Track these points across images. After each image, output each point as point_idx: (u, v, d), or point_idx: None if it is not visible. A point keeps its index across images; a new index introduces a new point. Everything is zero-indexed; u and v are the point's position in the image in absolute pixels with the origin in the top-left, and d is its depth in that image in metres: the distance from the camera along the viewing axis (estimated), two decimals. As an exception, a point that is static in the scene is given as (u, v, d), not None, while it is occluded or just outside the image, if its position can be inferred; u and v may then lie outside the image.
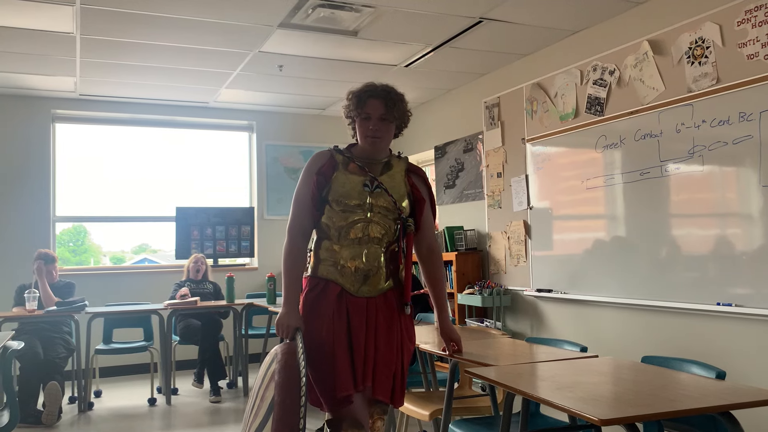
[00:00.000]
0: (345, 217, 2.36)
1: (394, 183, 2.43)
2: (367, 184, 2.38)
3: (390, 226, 2.39)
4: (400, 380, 2.38)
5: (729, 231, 3.57)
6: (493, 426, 2.68)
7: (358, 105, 2.39)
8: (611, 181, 4.34)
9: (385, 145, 2.45)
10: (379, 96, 2.39)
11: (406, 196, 2.44)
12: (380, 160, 2.47)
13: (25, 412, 4.42)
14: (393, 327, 2.37)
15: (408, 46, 4.92)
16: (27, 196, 6.15)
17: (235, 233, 6.84)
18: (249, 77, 5.70)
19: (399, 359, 2.37)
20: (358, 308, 2.33)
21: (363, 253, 2.35)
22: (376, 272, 2.36)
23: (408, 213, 2.43)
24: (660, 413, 1.69)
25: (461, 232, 5.70)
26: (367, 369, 2.28)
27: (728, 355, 3.56)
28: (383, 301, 2.37)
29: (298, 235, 2.40)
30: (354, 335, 2.30)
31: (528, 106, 5.16)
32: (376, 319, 2.34)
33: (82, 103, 6.38)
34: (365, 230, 2.36)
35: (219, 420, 4.56)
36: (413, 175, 2.51)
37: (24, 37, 4.55)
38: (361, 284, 2.35)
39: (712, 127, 3.64)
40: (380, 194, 2.38)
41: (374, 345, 2.31)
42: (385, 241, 2.39)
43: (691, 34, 3.79)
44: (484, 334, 3.36)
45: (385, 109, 2.39)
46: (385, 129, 2.41)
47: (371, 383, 2.29)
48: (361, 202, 2.36)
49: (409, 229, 2.42)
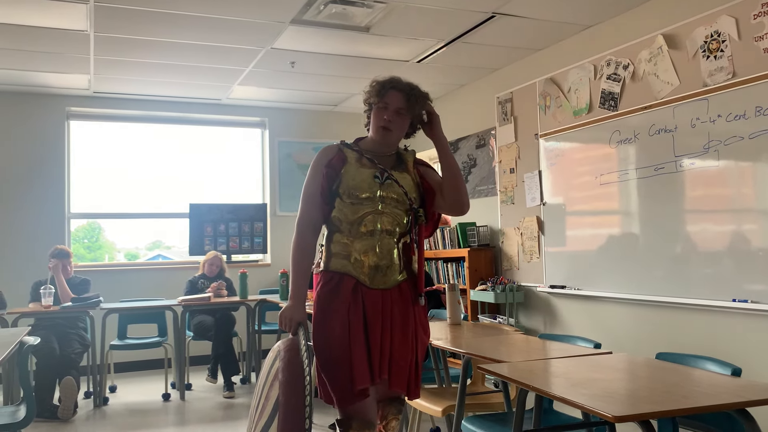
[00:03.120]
0: (356, 210, 2.35)
1: (403, 174, 2.42)
2: (378, 175, 2.37)
3: (401, 218, 2.38)
4: (415, 372, 2.38)
5: (745, 227, 3.54)
6: (506, 422, 2.67)
7: (379, 93, 2.38)
8: (625, 176, 4.31)
9: (395, 139, 2.43)
10: (402, 89, 2.38)
11: (416, 186, 2.43)
12: (389, 154, 2.46)
13: (42, 407, 4.47)
14: (408, 319, 2.37)
15: (420, 41, 4.90)
16: (42, 193, 6.21)
17: (248, 229, 6.87)
18: (261, 74, 5.71)
19: (414, 351, 2.37)
20: (374, 301, 2.32)
21: (376, 245, 2.35)
22: (390, 264, 2.35)
23: (419, 204, 2.43)
24: (674, 410, 1.67)
25: (474, 229, 5.68)
26: (383, 361, 2.29)
27: (744, 352, 3.53)
28: (398, 293, 2.37)
29: (307, 229, 2.38)
30: (370, 328, 2.30)
31: (541, 102, 5.13)
32: (391, 312, 2.34)
33: (96, 101, 6.42)
34: (376, 222, 2.35)
35: (232, 415, 4.58)
36: (421, 167, 2.50)
37: (38, 35, 4.59)
38: (375, 277, 2.34)
39: (728, 121, 3.60)
40: (390, 185, 2.37)
41: (390, 337, 2.31)
42: (398, 233, 2.38)
43: (706, 27, 3.75)
44: (497, 331, 3.36)
45: (405, 103, 2.36)
46: (399, 122, 2.39)
47: (387, 375, 2.29)
48: (371, 195, 2.35)
49: (420, 220, 2.42)
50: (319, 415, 4.45)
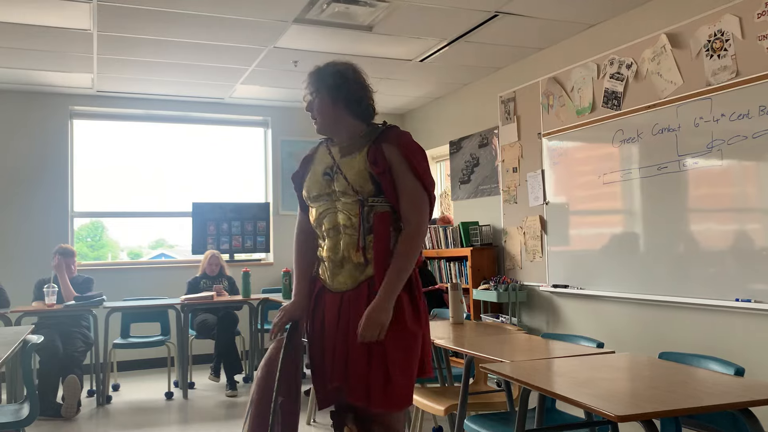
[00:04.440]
0: (315, 210, 2.28)
1: (353, 163, 2.20)
2: (328, 171, 2.24)
3: (354, 211, 2.17)
4: (381, 377, 2.09)
5: (748, 226, 3.53)
6: (508, 421, 2.67)
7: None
8: (628, 175, 4.31)
9: (325, 125, 2.27)
10: (307, 77, 2.29)
11: (366, 173, 2.16)
12: (344, 142, 2.27)
13: (45, 405, 4.48)
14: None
15: (423, 40, 4.90)
16: (45, 192, 6.22)
17: (250, 228, 6.88)
18: (264, 73, 5.72)
19: (379, 356, 2.10)
20: (332, 304, 2.22)
21: (336, 244, 2.22)
22: (348, 262, 2.19)
23: (372, 193, 2.17)
24: (678, 410, 1.67)
25: (476, 228, 5.68)
26: (335, 368, 2.15)
27: (747, 352, 3.52)
28: (356, 295, 2.18)
29: (298, 232, 2.39)
30: (326, 333, 2.21)
31: (544, 101, 5.13)
32: (348, 315, 2.17)
33: (99, 100, 6.43)
34: (332, 220, 2.22)
35: (235, 414, 4.59)
36: (385, 145, 2.18)
37: (42, 34, 4.60)
38: (336, 277, 2.22)
39: (732, 121, 3.59)
40: (338, 179, 2.20)
41: (345, 342, 2.15)
42: (356, 228, 2.17)
43: (710, 26, 3.74)
44: (499, 330, 3.35)
45: (308, 87, 2.27)
46: (316, 107, 2.25)
47: (341, 383, 2.15)
48: (322, 192, 2.24)
49: (374, 210, 2.17)
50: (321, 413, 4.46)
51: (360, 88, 2.25)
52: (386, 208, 2.18)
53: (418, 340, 2.17)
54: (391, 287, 2.10)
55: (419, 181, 2.17)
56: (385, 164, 2.16)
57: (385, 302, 2.09)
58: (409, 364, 2.13)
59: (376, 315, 2.07)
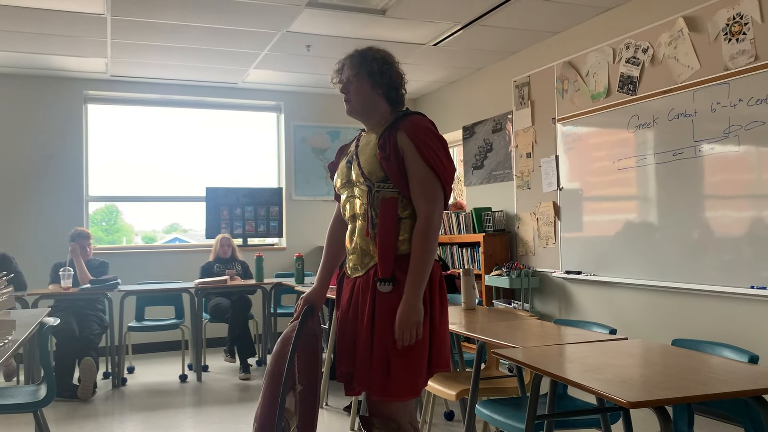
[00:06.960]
0: (342, 198, 2.32)
1: (366, 149, 2.22)
2: (350, 159, 2.28)
3: (365, 198, 2.20)
4: (382, 366, 2.08)
5: (765, 213, 3.49)
6: (519, 407, 2.67)
7: (339, 72, 2.32)
8: (643, 161, 4.27)
9: (357, 107, 2.26)
10: (345, 60, 2.29)
11: (376, 160, 2.16)
12: (370, 128, 2.28)
13: (62, 387, 4.54)
14: (366, 308, 2.14)
15: (437, 24, 4.86)
16: (61, 176, 6.27)
17: (264, 213, 6.90)
18: (277, 57, 5.70)
19: (381, 343, 2.09)
20: (346, 290, 2.27)
21: (354, 231, 2.26)
22: (360, 248, 2.21)
23: (381, 179, 2.15)
24: (690, 396, 1.66)
25: (489, 213, 5.66)
26: (343, 354, 2.18)
27: (762, 339, 3.50)
28: (365, 280, 2.18)
29: (333, 220, 2.43)
30: (340, 318, 2.25)
31: (559, 85, 5.08)
32: (357, 300, 2.19)
33: (113, 84, 6.45)
34: (351, 208, 2.26)
35: (248, 396, 4.63)
36: (399, 132, 2.15)
37: (56, 18, 4.61)
38: (354, 264, 2.25)
39: (749, 106, 3.54)
40: (354, 166, 2.24)
41: (354, 328, 2.17)
42: (368, 215, 2.19)
43: (728, 10, 3.68)
44: (511, 316, 3.35)
45: (350, 70, 2.25)
46: (353, 90, 2.24)
47: (350, 369, 2.16)
48: (345, 180, 2.28)
49: (379, 195, 2.16)
50: (333, 397, 4.49)
51: (399, 76, 2.28)
52: (393, 194, 2.15)
53: (426, 335, 2.12)
54: (415, 286, 2.08)
55: (431, 168, 2.12)
56: (391, 150, 2.13)
57: (412, 301, 2.07)
58: (414, 356, 2.09)
59: (406, 317, 2.06)
